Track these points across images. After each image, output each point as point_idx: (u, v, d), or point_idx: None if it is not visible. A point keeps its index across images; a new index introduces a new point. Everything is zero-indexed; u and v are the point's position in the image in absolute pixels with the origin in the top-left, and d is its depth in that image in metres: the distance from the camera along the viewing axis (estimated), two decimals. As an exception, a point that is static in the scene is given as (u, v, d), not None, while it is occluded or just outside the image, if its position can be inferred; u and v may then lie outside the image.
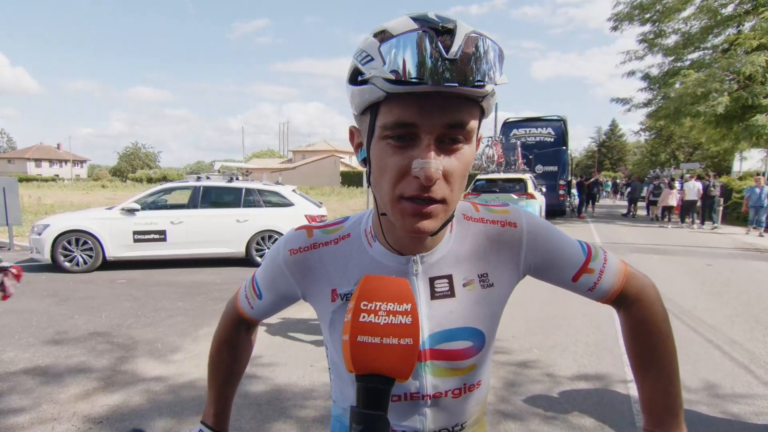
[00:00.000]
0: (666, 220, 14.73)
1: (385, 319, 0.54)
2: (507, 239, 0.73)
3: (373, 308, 0.54)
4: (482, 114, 0.62)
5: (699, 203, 13.92)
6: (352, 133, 0.69)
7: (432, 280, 0.70)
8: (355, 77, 0.60)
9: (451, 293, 0.70)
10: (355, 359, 0.53)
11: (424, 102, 0.55)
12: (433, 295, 0.70)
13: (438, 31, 0.54)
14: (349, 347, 0.53)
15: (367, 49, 0.57)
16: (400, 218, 0.60)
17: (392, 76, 0.54)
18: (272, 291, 0.79)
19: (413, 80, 0.53)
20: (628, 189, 19.08)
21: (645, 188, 20.55)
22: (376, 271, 0.69)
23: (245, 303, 0.84)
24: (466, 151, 0.59)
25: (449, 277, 0.70)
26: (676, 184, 15.18)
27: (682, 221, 14.40)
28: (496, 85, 0.57)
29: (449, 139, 0.58)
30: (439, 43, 0.53)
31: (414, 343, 0.54)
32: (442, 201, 0.59)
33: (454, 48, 0.53)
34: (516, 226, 0.73)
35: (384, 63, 0.55)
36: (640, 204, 18.20)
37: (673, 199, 14.62)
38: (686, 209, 14.24)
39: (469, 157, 0.60)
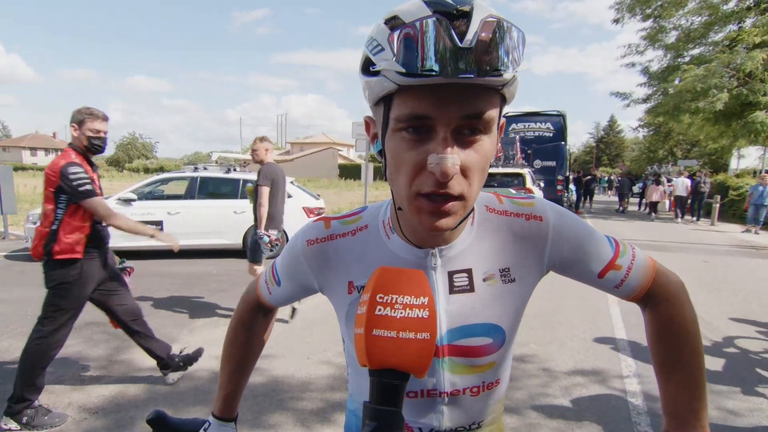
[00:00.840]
0: (651, 213, 15.61)
1: (401, 313, 0.51)
2: (532, 233, 0.70)
3: (389, 301, 0.52)
4: (504, 102, 0.59)
5: (689, 199, 14.34)
6: (368, 123, 0.67)
7: (451, 274, 0.68)
8: (367, 67, 0.57)
9: (470, 288, 0.68)
10: (370, 353, 0.51)
11: (440, 93, 0.52)
12: (452, 289, 0.68)
13: (452, 15, 0.51)
14: (363, 341, 0.51)
15: (377, 38, 0.54)
16: (417, 215, 0.58)
17: (403, 69, 0.51)
18: (291, 280, 0.78)
19: (425, 73, 0.50)
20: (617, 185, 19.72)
21: (640, 184, 20.78)
22: (394, 263, 0.67)
23: (264, 288, 0.84)
24: (485, 143, 0.56)
25: (469, 271, 0.68)
26: (664, 180, 15.86)
27: (676, 216, 14.72)
28: (516, 72, 0.54)
29: (467, 131, 0.55)
30: (452, 30, 0.50)
31: (431, 337, 0.52)
32: (460, 197, 0.56)
33: (469, 35, 0.50)
34: (542, 219, 0.70)
35: (393, 53, 0.52)
36: (632, 200, 18.77)
37: (657, 195, 15.47)
38: (678, 204, 14.86)
39: (488, 150, 0.57)
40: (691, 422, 0.69)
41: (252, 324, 0.88)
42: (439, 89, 0.52)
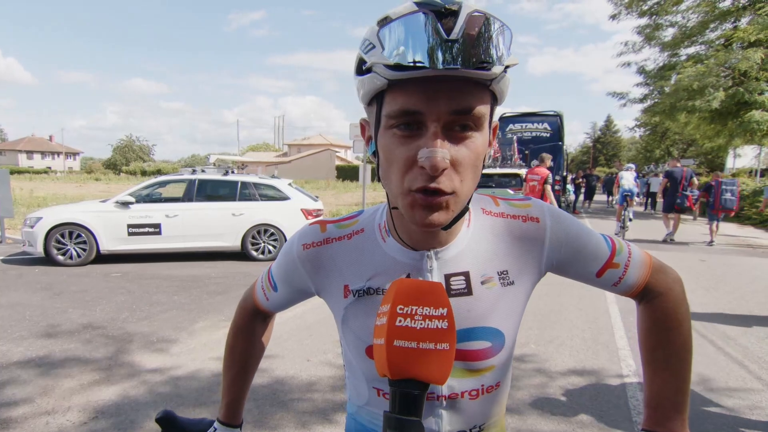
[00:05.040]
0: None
1: (421, 324, 0.52)
2: (529, 235, 0.70)
3: (409, 312, 0.52)
4: (494, 100, 0.59)
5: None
6: (363, 126, 0.67)
7: (448, 277, 0.67)
8: (360, 67, 0.58)
9: (468, 291, 0.67)
10: (391, 364, 0.51)
11: (429, 88, 0.53)
12: (449, 292, 0.67)
13: (441, 13, 0.52)
14: (384, 352, 0.52)
15: (369, 38, 0.56)
16: (410, 211, 0.58)
17: (391, 62, 0.52)
18: (287, 284, 0.78)
19: (412, 64, 0.51)
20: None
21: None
22: (390, 267, 0.68)
23: (261, 294, 0.83)
24: (477, 140, 0.57)
25: (466, 274, 0.67)
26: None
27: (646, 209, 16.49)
28: (504, 66, 0.54)
29: (458, 127, 0.55)
30: (439, 24, 0.51)
31: (450, 348, 0.52)
32: (452, 193, 0.56)
33: (456, 29, 0.51)
34: (539, 221, 0.70)
35: (383, 49, 0.53)
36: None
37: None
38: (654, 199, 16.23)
39: (480, 146, 0.57)
40: (673, 417, 0.69)
41: (251, 330, 0.88)
42: (429, 84, 0.53)
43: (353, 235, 0.72)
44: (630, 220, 9.94)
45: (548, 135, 16.82)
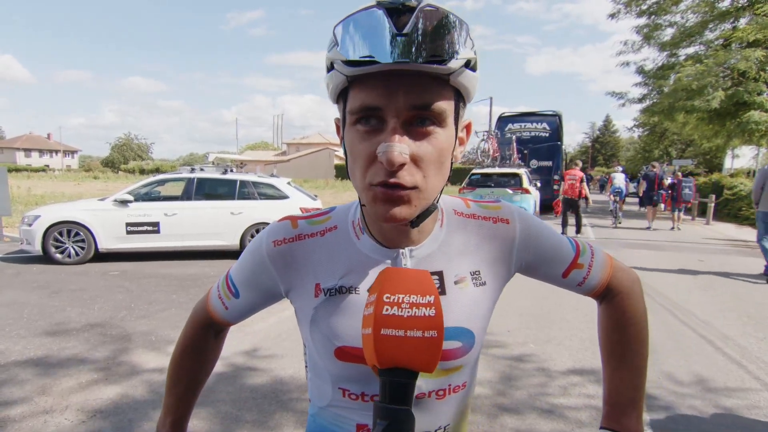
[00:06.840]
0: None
1: (408, 312, 0.52)
2: (500, 236, 0.71)
3: (396, 300, 0.52)
4: (459, 96, 0.58)
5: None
6: (337, 125, 0.67)
7: None
8: (330, 65, 0.59)
9: (441, 291, 0.66)
10: (379, 353, 0.51)
11: (389, 84, 0.53)
12: None
13: (398, 10, 0.52)
14: (372, 341, 0.51)
15: (332, 35, 0.57)
16: (373, 205, 0.57)
17: (345, 57, 0.53)
18: (251, 287, 0.73)
19: (364, 59, 0.51)
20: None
21: (634, 183, 21.43)
22: (364, 264, 0.67)
23: (218, 304, 0.78)
24: (440, 136, 0.56)
25: (440, 274, 0.67)
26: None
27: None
28: (465, 61, 0.54)
29: (418, 122, 0.55)
30: (389, 19, 0.51)
31: (438, 335, 0.52)
32: (414, 187, 0.55)
33: (408, 23, 0.51)
34: (508, 222, 0.72)
35: (338, 45, 0.54)
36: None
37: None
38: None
39: (444, 143, 0.57)
40: (628, 413, 0.74)
41: (202, 347, 0.83)
42: (388, 80, 0.53)
43: (326, 232, 0.70)
44: (620, 213, 12.64)
45: (547, 135, 16.86)
